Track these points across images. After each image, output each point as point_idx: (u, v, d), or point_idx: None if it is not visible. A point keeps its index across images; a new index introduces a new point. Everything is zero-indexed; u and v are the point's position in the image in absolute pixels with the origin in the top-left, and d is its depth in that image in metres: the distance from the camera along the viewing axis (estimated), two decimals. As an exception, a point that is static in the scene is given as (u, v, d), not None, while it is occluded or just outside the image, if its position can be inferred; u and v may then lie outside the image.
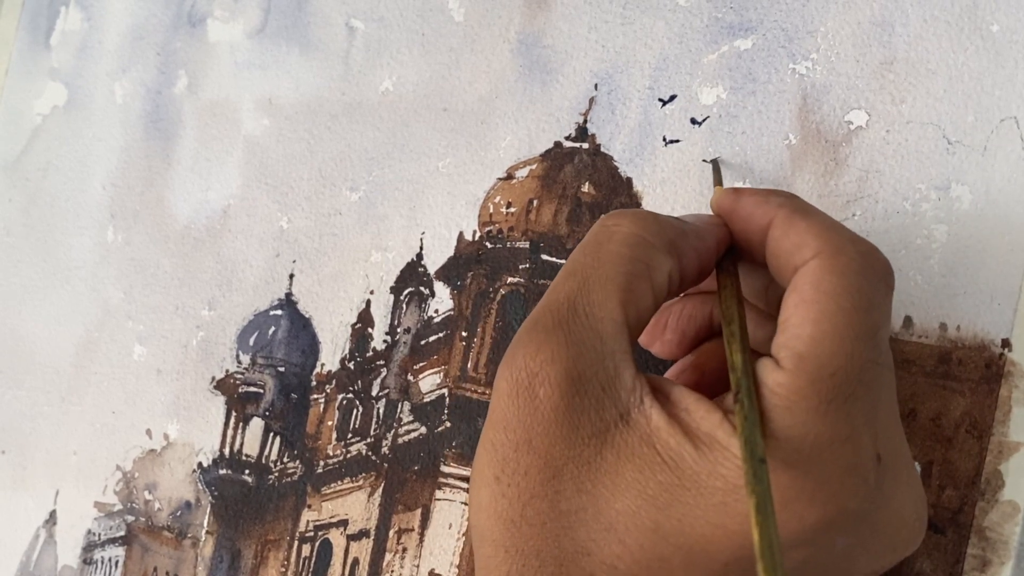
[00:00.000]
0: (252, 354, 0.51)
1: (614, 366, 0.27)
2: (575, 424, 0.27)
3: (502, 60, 0.46)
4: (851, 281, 0.27)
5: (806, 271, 0.28)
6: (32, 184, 0.61)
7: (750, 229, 0.30)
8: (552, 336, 0.27)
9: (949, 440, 0.34)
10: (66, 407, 0.58)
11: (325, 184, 0.50)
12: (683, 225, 0.30)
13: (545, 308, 0.28)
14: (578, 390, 0.27)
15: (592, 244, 0.29)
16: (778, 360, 0.27)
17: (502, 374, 0.28)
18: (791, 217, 0.29)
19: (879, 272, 0.28)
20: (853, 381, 0.26)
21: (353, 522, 0.46)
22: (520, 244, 0.44)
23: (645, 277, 0.28)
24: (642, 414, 0.27)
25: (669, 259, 0.29)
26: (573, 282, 0.28)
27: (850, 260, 0.27)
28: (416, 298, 0.46)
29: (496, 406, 0.28)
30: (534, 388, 0.27)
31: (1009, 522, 0.32)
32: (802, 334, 0.27)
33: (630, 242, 0.29)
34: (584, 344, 0.27)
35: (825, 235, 0.28)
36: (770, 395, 0.26)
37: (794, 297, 0.28)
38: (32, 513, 0.58)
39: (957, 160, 0.35)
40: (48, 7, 0.62)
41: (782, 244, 0.29)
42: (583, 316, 0.27)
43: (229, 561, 0.50)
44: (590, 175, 0.42)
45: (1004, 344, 0.33)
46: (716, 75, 0.40)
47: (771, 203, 0.30)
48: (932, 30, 0.36)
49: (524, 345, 0.27)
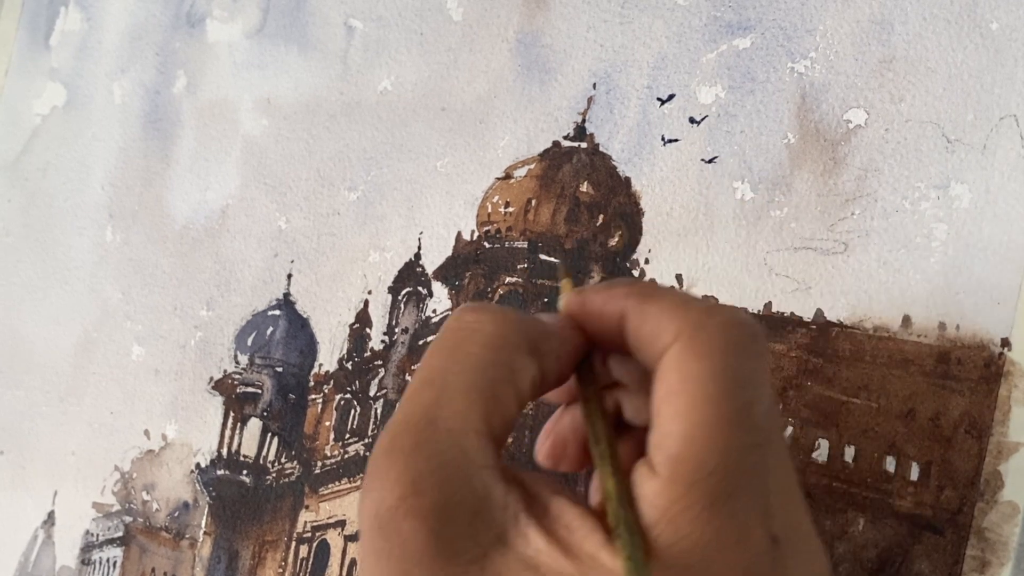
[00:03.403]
0: (250, 354, 0.51)
1: (482, 484, 0.25)
2: (450, 555, 0.25)
3: (501, 60, 0.45)
4: (716, 362, 0.25)
5: (668, 358, 0.26)
6: (31, 184, 0.61)
7: (605, 325, 0.29)
8: (411, 462, 0.25)
9: (948, 440, 0.33)
10: (64, 407, 0.58)
11: (323, 184, 0.50)
12: (545, 326, 0.28)
13: (401, 423, 0.26)
14: (447, 519, 0.25)
15: (450, 346, 0.27)
16: (652, 465, 0.25)
17: (363, 507, 0.26)
18: (641, 304, 0.27)
19: (746, 339, 0.26)
20: (733, 475, 0.25)
21: (351, 523, 0.46)
22: (518, 244, 0.44)
23: (509, 382, 0.27)
24: (519, 534, 0.25)
25: (533, 362, 0.27)
26: (430, 392, 0.26)
27: (710, 338, 0.26)
28: (414, 298, 0.46)
29: (364, 540, 0.26)
30: (398, 523, 0.25)
31: (1008, 523, 0.32)
32: (672, 431, 0.25)
33: (492, 344, 0.27)
34: (447, 466, 0.25)
35: (680, 314, 0.26)
36: (649, 508, 0.25)
37: (661, 388, 0.26)
38: (30, 513, 0.58)
39: (957, 159, 0.35)
40: (48, 7, 0.62)
41: (641, 333, 0.27)
42: (444, 432, 0.25)
43: (227, 562, 0.50)
44: (588, 174, 0.42)
45: (1003, 343, 0.33)
46: (715, 74, 0.40)
47: (617, 294, 0.28)
48: (931, 28, 0.36)
49: (383, 476, 0.25)
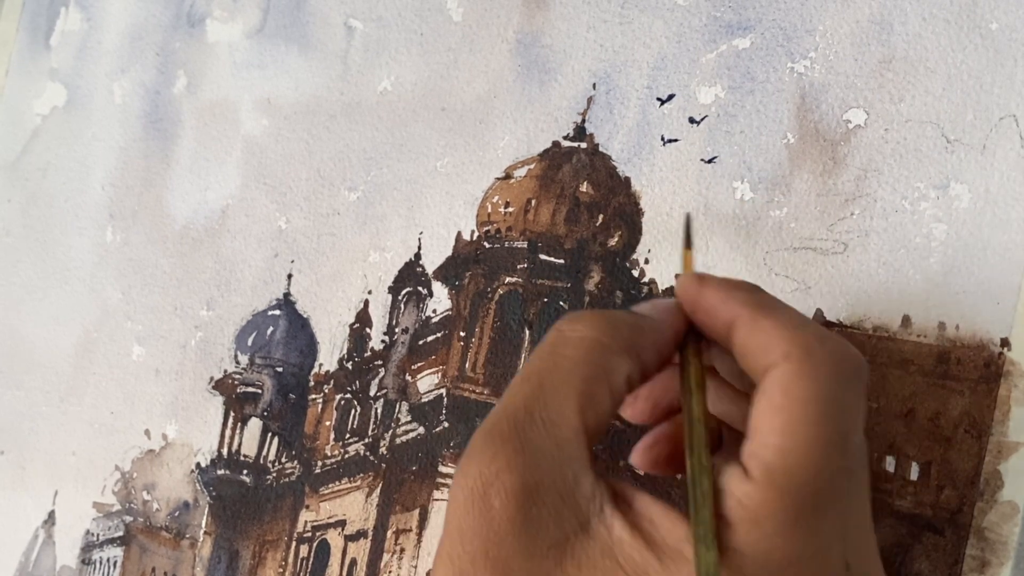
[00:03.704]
0: (250, 354, 0.51)
1: (572, 474, 0.26)
2: (533, 535, 0.26)
3: (500, 60, 0.45)
4: (822, 387, 0.26)
5: (775, 375, 0.27)
6: (31, 184, 0.61)
7: (714, 324, 0.30)
8: (507, 444, 0.26)
9: (948, 440, 0.33)
10: (65, 407, 0.58)
11: (323, 184, 0.50)
12: (639, 321, 0.30)
13: (501, 414, 0.27)
14: (535, 500, 0.26)
15: (548, 349, 0.29)
16: (747, 469, 0.26)
17: (457, 482, 0.27)
18: (755, 317, 0.28)
19: (850, 372, 0.27)
20: (824, 492, 0.26)
21: (351, 522, 0.46)
22: (518, 244, 0.44)
23: (603, 381, 0.28)
24: (603, 524, 0.26)
25: (627, 360, 0.28)
26: (529, 387, 0.28)
27: (820, 363, 0.27)
28: (414, 298, 0.46)
29: (452, 516, 0.27)
30: (489, 498, 0.26)
31: (1008, 522, 0.32)
32: (771, 443, 0.26)
33: (586, 346, 0.28)
34: (540, 452, 0.26)
35: (792, 336, 0.27)
36: (737, 507, 0.26)
37: (764, 402, 0.27)
38: (31, 513, 0.58)
39: (956, 159, 0.35)
40: (48, 7, 0.62)
41: (749, 345, 0.28)
42: (540, 423, 0.27)
43: (227, 561, 0.50)
44: (588, 174, 0.42)
45: (1003, 343, 0.33)
46: (714, 74, 0.40)
47: (735, 300, 0.29)
48: (931, 28, 0.36)
49: (479, 453, 0.27)
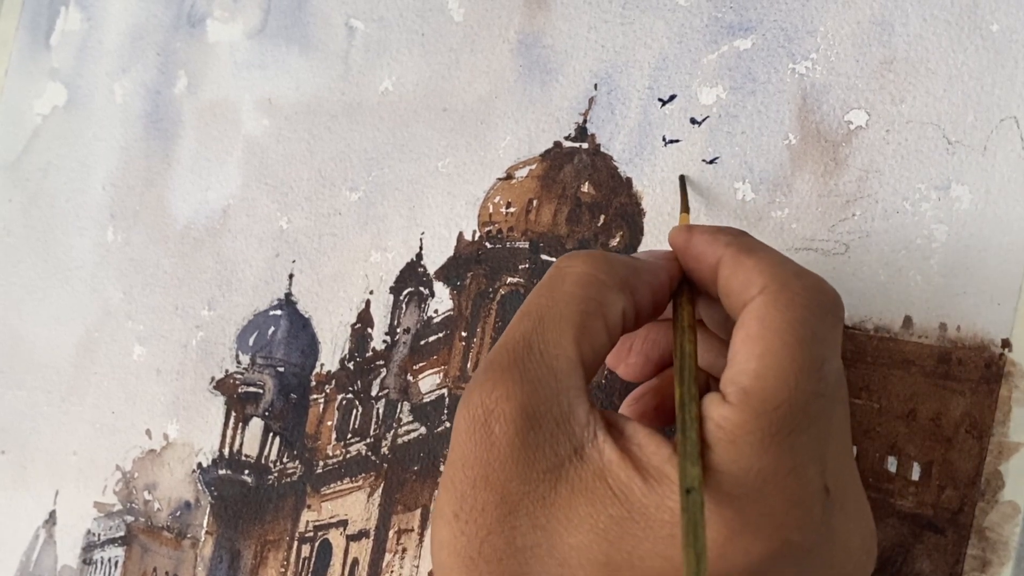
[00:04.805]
0: (252, 354, 0.51)
1: (568, 402, 0.28)
2: (530, 460, 0.27)
3: (502, 60, 0.45)
4: (795, 315, 0.28)
5: (752, 307, 0.28)
6: (32, 184, 0.61)
7: (701, 267, 0.31)
8: (507, 374, 0.28)
9: (949, 440, 0.33)
10: (66, 407, 0.58)
11: (325, 184, 0.50)
12: (635, 263, 0.31)
13: (501, 347, 0.29)
14: (533, 426, 0.27)
15: (547, 285, 0.30)
16: (724, 395, 0.27)
17: (460, 412, 0.28)
18: (738, 256, 0.30)
19: (825, 305, 0.28)
20: (798, 414, 0.27)
21: (353, 522, 0.46)
22: (520, 244, 0.44)
23: (599, 315, 0.29)
24: (595, 449, 0.27)
25: (622, 296, 0.30)
26: (528, 321, 0.29)
27: (794, 295, 0.28)
28: (416, 298, 0.46)
29: (455, 444, 0.28)
30: (490, 425, 0.27)
31: (1009, 523, 0.32)
32: (747, 369, 0.27)
33: (583, 281, 0.29)
34: (539, 381, 0.28)
35: (770, 271, 0.29)
36: (715, 429, 0.27)
37: (741, 333, 0.28)
38: (32, 513, 0.58)
39: (957, 160, 0.35)
40: (48, 7, 0.62)
41: (731, 282, 0.30)
42: (538, 354, 0.28)
43: (228, 561, 0.50)
44: (590, 175, 0.42)
45: (1004, 344, 0.33)
46: (716, 75, 0.40)
47: (719, 242, 0.31)
48: (932, 29, 0.36)
49: (480, 383, 0.28)
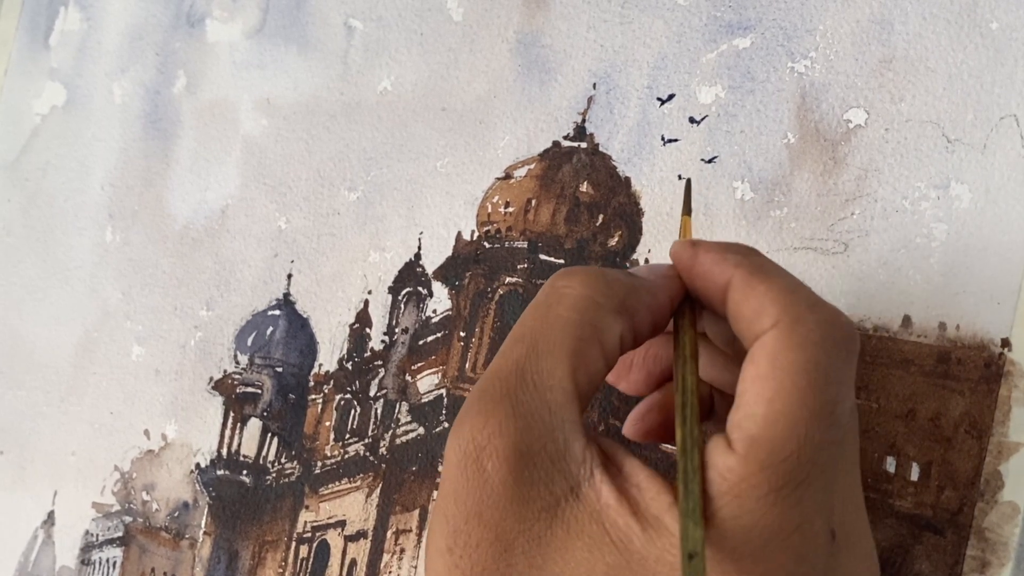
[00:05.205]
0: (250, 354, 0.51)
1: (563, 438, 0.27)
2: (525, 498, 0.26)
3: (501, 60, 0.45)
4: (809, 356, 0.26)
5: (763, 343, 0.27)
6: (31, 184, 0.61)
7: (708, 287, 0.29)
8: (499, 407, 0.27)
9: (948, 440, 0.33)
10: (65, 407, 0.58)
11: (323, 184, 0.50)
12: (634, 281, 0.29)
13: (494, 375, 0.27)
14: (527, 463, 0.26)
15: (542, 306, 0.28)
16: (730, 441, 0.26)
17: (451, 444, 0.27)
18: (749, 280, 0.28)
19: (839, 341, 0.27)
20: (806, 465, 0.25)
21: (351, 523, 0.46)
22: (518, 244, 0.44)
23: (595, 341, 0.28)
24: (592, 488, 0.26)
25: (619, 320, 0.28)
26: (521, 348, 0.28)
27: (808, 332, 0.26)
28: (414, 298, 0.46)
29: (447, 476, 0.27)
30: (482, 461, 0.26)
31: (1009, 523, 0.32)
32: (756, 414, 0.26)
33: (579, 306, 0.28)
34: (532, 415, 0.26)
35: (783, 302, 0.27)
36: (719, 480, 0.26)
37: (751, 370, 0.27)
38: (30, 513, 0.58)
39: (956, 158, 0.35)
40: (47, 7, 0.62)
41: (741, 309, 0.28)
42: (531, 386, 0.27)
43: (227, 562, 0.50)
44: (588, 174, 0.42)
45: (1004, 344, 0.33)
46: (715, 74, 0.40)
47: (728, 262, 0.29)
48: (931, 28, 0.36)
49: (472, 416, 0.27)
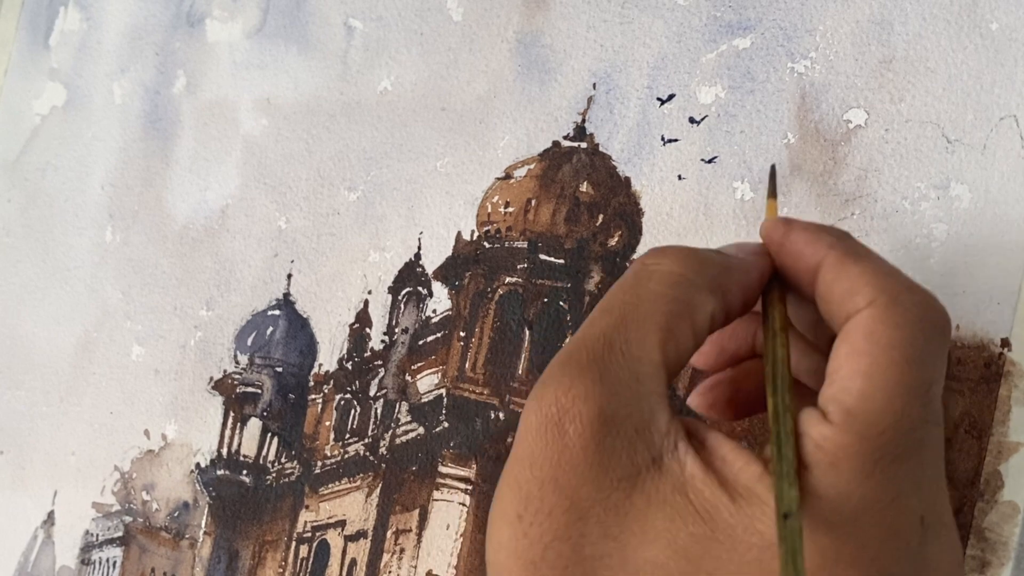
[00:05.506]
0: (250, 354, 0.51)
1: (649, 408, 0.26)
2: (605, 465, 0.25)
3: (500, 59, 0.45)
4: (906, 333, 0.26)
5: (859, 320, 0.26)
6: (31, 184, 0.61)
7: (799, 267, 0.29)
8: (586, 372, 0.26)
9: (948, 440, 0.33)
10: (64, 407, 0.58)
11: (323, 184, 0.50)
12: (726, 260, 0.29)
13: (580, 343, 0.27)
14: (610, 430, 0.25)
15: (631, 282, 0.28)
16: (825, 413, 0.26)
17: (531, 407, 0.26)
18: (843, 260, 0.28)
19: (937, 324, 0.27)
20: (902, 440, 0.25)
21: (351, 523, 0.46)
22: (518, 244, 0.44)
23: (686, 317, 0.27)
24: (676, 460, 0.26)
25: (712, 298, 0.28)
26: (610, 319, 0.27)
27: (906, 311, 0.26)
28: (414, 298, 0.46)
29: (522, 441, 0.26)
30: (564, 425, 0.26)
31: (1008, 523, 0.32)
32: (852, 388, 0.25)
33: (671, 281, 0.27)
34: (619, 383, 0.26)
35: (880, 282, 0.27)
36: (815, 449, 0.25)
37: (845, 347, 0.26)
38: (30, 513, 0.58)
39: (956, 159, 0.35)
40: (47, 7, 0.62)
41: (833, 289, 0.27)
42: (619, 355, 0.26)
43: (227, 562, 0.50)
44: (588, 174, 0.42)
45: (1003, 344, 0.33)
46: (715, 74, 0.40)
47: (822, 242, 0.28)
48: (931, 28, 0.36)
49: (556, 380, 0.26)
